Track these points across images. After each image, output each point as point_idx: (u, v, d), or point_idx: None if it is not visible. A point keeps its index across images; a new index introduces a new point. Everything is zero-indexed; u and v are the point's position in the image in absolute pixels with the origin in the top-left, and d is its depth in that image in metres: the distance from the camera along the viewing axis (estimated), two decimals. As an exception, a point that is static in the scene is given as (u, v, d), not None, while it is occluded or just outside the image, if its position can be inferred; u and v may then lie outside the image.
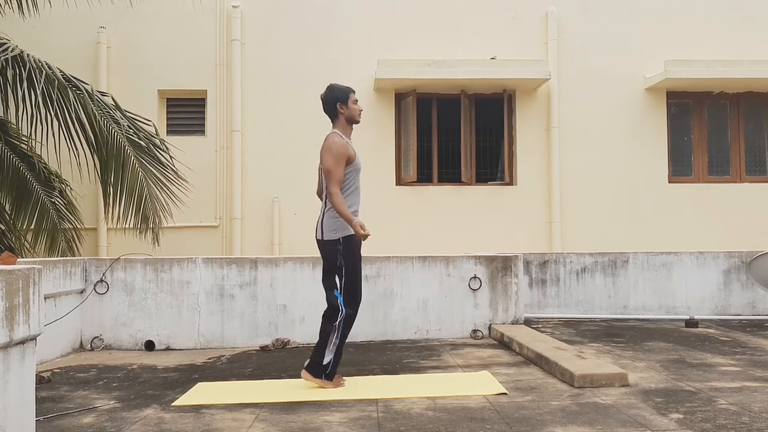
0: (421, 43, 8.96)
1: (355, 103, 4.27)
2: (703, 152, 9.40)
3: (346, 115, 4.24)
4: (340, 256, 4.07)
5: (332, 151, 4.09)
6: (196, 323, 5.92)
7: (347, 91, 4.26)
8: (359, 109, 4.29)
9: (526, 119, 9.13)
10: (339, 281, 4.08)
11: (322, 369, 4.06)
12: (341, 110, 4.23)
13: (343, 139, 4.16)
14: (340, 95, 4.23)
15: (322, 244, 4.17)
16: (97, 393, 4.13)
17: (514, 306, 6.27)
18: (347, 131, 4.26)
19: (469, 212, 8.93)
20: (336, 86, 4.29)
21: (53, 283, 5.28)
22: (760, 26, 9.29)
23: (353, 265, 4.13)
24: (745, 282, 7.42)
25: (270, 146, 8.87)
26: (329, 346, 4.03)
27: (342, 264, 4.07)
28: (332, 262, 4.10)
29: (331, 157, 4.07)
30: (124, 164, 6.46)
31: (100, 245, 8.62)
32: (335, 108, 4.23)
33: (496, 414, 3.47)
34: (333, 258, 4.09)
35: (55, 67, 6.19)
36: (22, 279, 2.34)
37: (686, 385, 4.04)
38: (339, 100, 4.22)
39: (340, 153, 4.08)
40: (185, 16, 8.75)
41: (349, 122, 4.27)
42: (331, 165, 4.06)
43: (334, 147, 4.10)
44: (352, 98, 4.26)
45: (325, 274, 4.21)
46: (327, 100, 4.25)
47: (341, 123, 4.25)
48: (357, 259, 4.17)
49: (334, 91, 4.25)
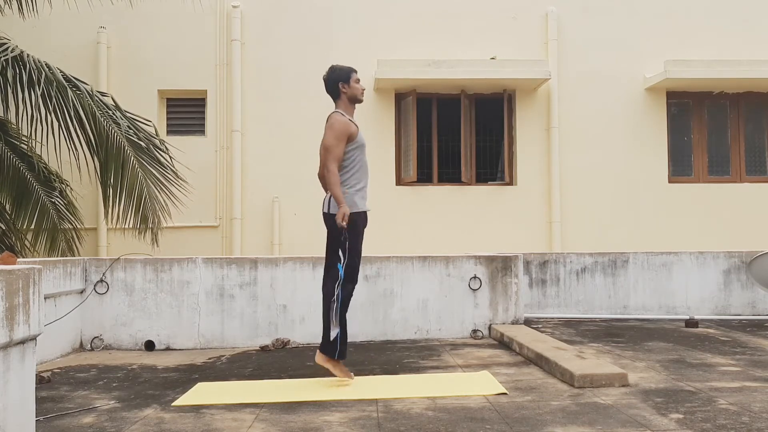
0: (421, 43, 8.96)
1: (357, 83, 4.29)
2: (703, 152, 9.40)
3: (348, 94, 4.26)
4: (345, 232, 4.09)
5: (334, 128, 4.12)
6: (196, 323, 5.92)
7: (349, 71, 4.28)
8: (362, 88, 4.31)
9: (526, 119, 9.13)
10: (342, 255, 4.12)
11: (332, 346, 4.11)
12: (343, 89, 4.25)
13: (345, 117, 4.19)
14: (342, 75, 4.25)
15: (329, 217, 4.19)
16: (97, 393, 4.13)
17: (514, 306, 6.27)
18: (350, 110, 4.29)
19: (469, 212, 8.93)
20: (338, 66, 4.32)
21: (53, 283, 5.28)
22: (760, 26, 9.29)
23: (356, 241, 4.17)
24: (745, 282, 7.42)
25: (270, 146, 8.87)
26: (332, 319, 4.09)
27: (347, 238, 4.10)
28: (337, 236, 4.14)
29: (333, 133, 4.11)
30: (124, 165, 6.46)
31: (100, 245, 8.62)
32: (337, 87, 4.25)
33: (496, 414, 3.47)
34: (338, 234, 4.12)
35: (55, 68, 6.19)
36: (22, 279, 2.34)
37: (686, 385, 4.04)
38: (341, 80, 4.24)
39: (342, 130, 4.11)
40: (185, 16, 8.75)
41: (352, 101, 4.29)
42: (331, 141, 4.09)
43: (336, 124, 4.13)
44: (354, 77, 4.27)
45: (328, 248, 4.25)
46: (329, 80, 4.27)
47: (344, 102, 4.27)
48: (360, 236, 4.22)
49: (336, 71, 4.28)
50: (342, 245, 4.11)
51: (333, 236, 4.19)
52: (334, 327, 4.10)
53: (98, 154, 6.44)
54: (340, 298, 4.11)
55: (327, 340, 4.13)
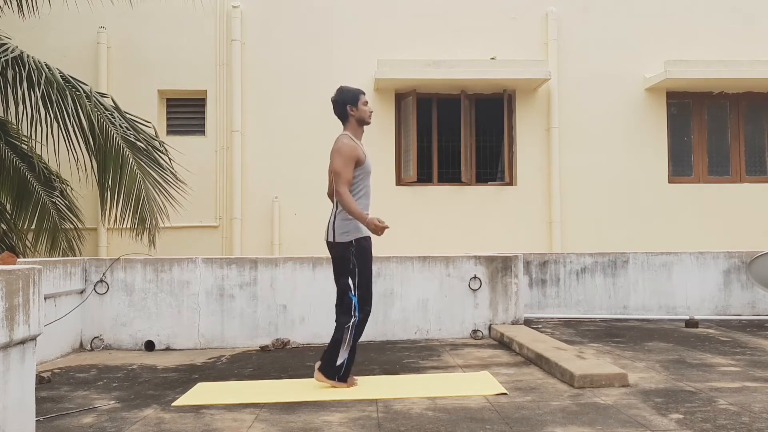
0: (421, 43, 8.96)
1: (365, 105, 4.27)
2: (703, 152, 9.40)
3: (356, 116, 4.24)
4: (353, 257, 4.07)
5: (341, 152, 4.09)
6: (196, 323, 5.92)
7: (357, 93, 4.25)
8: (369, 111, 4.29)
9: (526, 119, 9.13)
10: (352, 282, 4.07)
11: (336, 370, 4.06)
12: (351, 112, 4.23)
13: (353, 141, 4.16)
14: (350, 97, 4.23)
15: (333, 246, 4.15)
16: (97, 393, 4.13)
17: (514, 306, 6.27)
18: (358, 133, 4.26)
19: (469, 212, 8.93)
20: (346, 88, 4.29)
21: (53, 283, 5.28)
22: (760, 26, 9.28)
23: (366, 266, 4.13)
24: (745, 282, 7.42)
25: (270, 146, 8.87)
26: (344, 346, 4.03)
27: (355, 265, 4.07)
28: (345, 264, 4.09)
29: (341, 158, 4.07)
30: (122, 166, 6.46)
31: (101, 245, 8.62)
32: (346, 110, 4.23)
33: (496, 414, 3.47)
34: (346, 260, 4.08)
35: (55, 68, 6.19)
36: (22, 279, 2.34)
37: (686, 386, 4.04)
38: (349, 102, 4.22)
39: (350, 155, 4.09)
40: (185, 16, 8.75)
41: (360, 124, 4.27)
42: (340, 166, 4.06)
43: (343, 148, 4.10)
44: (362, 100, 4.25)
45: (337, 275, 4.19)
46: (337, 103, 4.25)
47: (352, 125, 4.25)
48: (369, 259, 4.18)
49: (344, 93, 4.25)
50: (351, 272, 4.07)
51: (341, 264, 4.13)
52: (343, 351, 4.02)
53: (97, 155, 6.44)
54: (356, 324, 4.04)
55: (331, 364, 4.05)
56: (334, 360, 4.04)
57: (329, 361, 4.07)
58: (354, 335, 4.05)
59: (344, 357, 4.03)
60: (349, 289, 4.07)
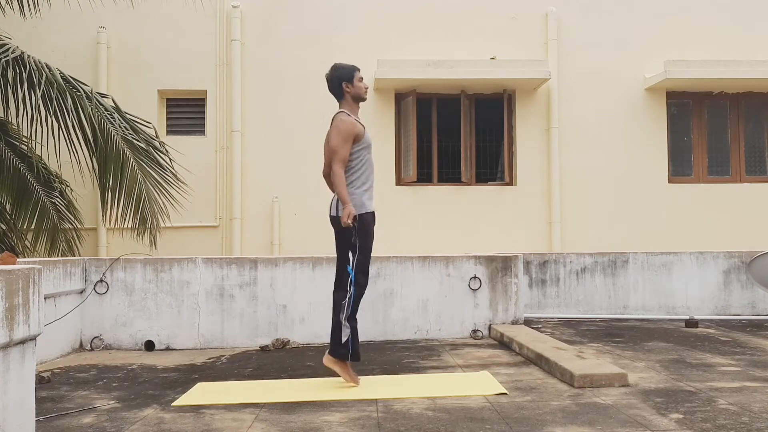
0: (421, 43, 8.96)
1: (360, 81, 4.24)
2: (703, 152, 9.40)
3: (352, 93, 4.21)
4: (354, 232, 4.06)
5: (340, 129, 4.09)
6: (195, 323, 5.92)
7: (352, 70, 4.22)
8: (365, 87, 4.25)
9: (526, 119, 9.13)
10: (352, 257, 4.08)
11: (344, 348, 4.06)
12: (347, 89, 4.20)
13: (351, 117, 4.15)
14: (345, 74, 4.20)
15: (337, 220, 4.14)
16: (97, 393, 4.13)
17: (514, 306, 6.27)
18: (354, 110, 4.25)
19: (469, 212, 8.93)
20: (340, 65, 4.26)
21: (53, 283, 5.28)
22: (760, 26, 9.29)
23: (366, 243, 4.14)
24: (745, 282, 7.42)
25: (270, 146, 8.87)
26: (343, 321, 4.05)
27: (356, 241, 4.07)
28: (347, 238, 4.10)
29: (339, 135, 4.07)
30: (123, 167, 6.46)
31: (100, 245, 8.63)
32: (341, 87, 4.21)
33: (496, 414, 3.47)
34: (347, 235, 4.09)
35: (55, 69, 6.19)
36: (22, 279, 2.34)
37: (686, 385, 4.04)
38: (344, 79, 4.19)
39: (348, 131, 4.08)
40: (185, 16, 8.76)
41: (356, 100, 4.25)
42: (338, 144, 4.06)
43: (341, 125, 4.09)
44: (357, 76, 4.23)
45: (338, 248, 4.21)
46: (332, 79, 4.22)
47: (348, 102, 4.23)
48: (370, 237, 4.19)
49: (339, 70, 4.22)
50: (352, 246, 4.07)
51: (343, 238, 4.14)
52: (345, 327, 4.04)
53: (97, 156, 6.44)
54: (353, 296, 4.06)
55: (338, 343, 4.06)
56: (338, 339, 4.06)
57: (335, 343, 4.09)
58: (352, 308, 4.07)
59: (347, 333, 4.04)
60: (348, 263, 4.08)
